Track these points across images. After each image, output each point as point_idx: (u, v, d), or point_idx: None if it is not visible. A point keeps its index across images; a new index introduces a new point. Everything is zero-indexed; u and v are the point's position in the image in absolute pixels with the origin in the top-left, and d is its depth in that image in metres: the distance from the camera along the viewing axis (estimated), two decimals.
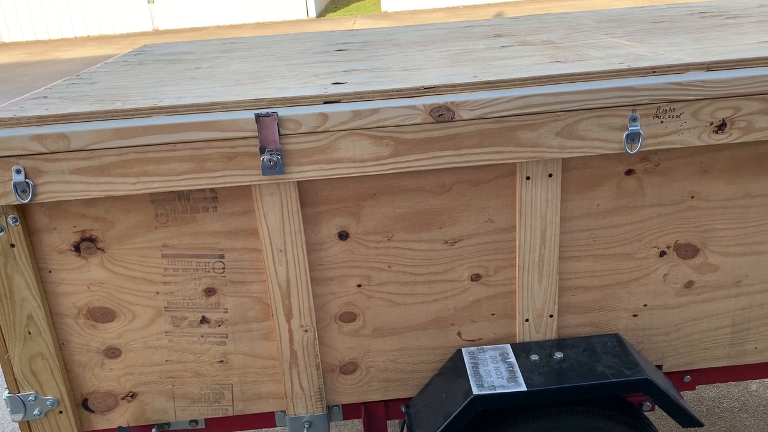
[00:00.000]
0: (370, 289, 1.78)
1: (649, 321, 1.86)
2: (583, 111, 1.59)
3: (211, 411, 1.85)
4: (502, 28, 2.58)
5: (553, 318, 1.81)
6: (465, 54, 2.04)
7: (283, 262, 1.70)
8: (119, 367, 1.79)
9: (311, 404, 1.84)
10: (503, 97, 1.57)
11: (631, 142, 1.62)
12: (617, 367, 1.71)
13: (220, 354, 1.79)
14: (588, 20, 2.61)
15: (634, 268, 1.81)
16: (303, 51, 2.35)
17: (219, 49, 2.53)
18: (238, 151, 1.57)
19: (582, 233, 1.76)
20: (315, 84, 1.74)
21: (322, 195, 1.69)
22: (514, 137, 1.60)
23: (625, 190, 1.73)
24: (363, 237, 1.73)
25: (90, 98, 1.75)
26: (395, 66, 1.92)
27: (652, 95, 1.60)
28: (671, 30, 2.20)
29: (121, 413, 1.83)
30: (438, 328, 1.83)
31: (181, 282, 1.72)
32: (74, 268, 1.69)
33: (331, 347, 1.82)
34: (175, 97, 1.69)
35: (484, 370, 1.73)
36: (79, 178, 1.56)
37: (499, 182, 1.70)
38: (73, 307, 1.73)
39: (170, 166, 1.56)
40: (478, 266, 1.77)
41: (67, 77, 2.14)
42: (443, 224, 1.73)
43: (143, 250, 1.69)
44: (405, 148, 1.60)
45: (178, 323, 1.76)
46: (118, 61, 2.44)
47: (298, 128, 1.57)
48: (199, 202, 1.66)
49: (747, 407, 2.85)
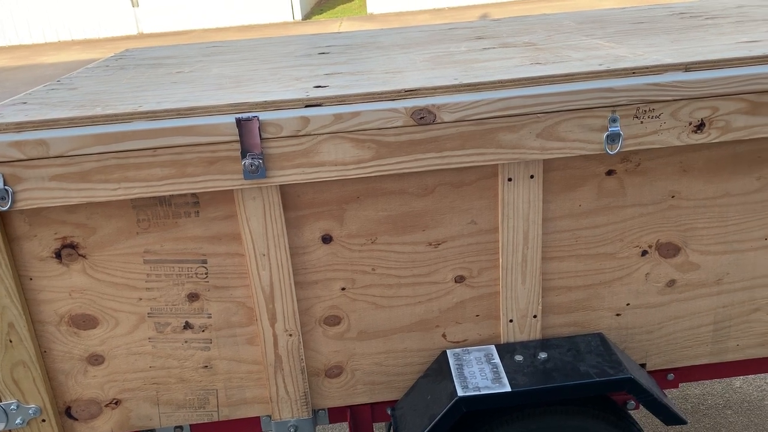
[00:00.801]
0: (355, 292, 1.78)
1: (632, 320, 1.88)
2: (564, 112, 1.60)
3: (196, 417, 1.84)
4: (485, 30, 2.59)
5: (536, 318, 1.82)
6: (447, 56, 2.04)
7: (267, 266, 1.70)
8: (102, 374, 1.78)
9: (297, 408, 1.83)
10: (484, 99, 1.57)
11: (611, 142, 1.64)
12: (601, 366, 1.72)
13: (205, 359, 1.79)
14: (569, 22, 2.63)
15: (616, 267, 1.82)
16: (285, 54, 2.35)
17: (201, 53, 2.52)
18: (220, 155, 1.56)
19: (564, 233, 1.77)
20: (297, 87, 1.74)
21: (305, 198, 1.69)
22: (495, 139, 1.61)
23: (607, 191, 1.75)
24: (346, 240, 1.73)
25: (70, 104, 1.74)
26: (377, 69, 1.93)
27: (631, 96, 1.61)
28: (651, 31, 2.22)
29: (104, 421, 1.82)
30: (423, 330, 1.83)
31: (163, 288, 1.71)
32: (55, 275, 1.68)
33: (316, 351, 1.82)
34: (155, 101, 1.68)
35: (468, 372, 1.73)
36: (59, 184, 1.55)
37: (482, 184, 1.70)
38: (54, 314, 1.71)
39: (151, 171, 1.55)
40: (462, 268, 1.78)
41: (47, 83, 2.13)
42: (426, 226, 1.73)
43: (125, 256, 1.68)
44: (387, 151, 1.60)
45: (161, 329, 1.75)
46: (99, 66, 2.42)
47: (280, 132, 1.57)
48: (180, 207, 1.65)
49: (731, 404, 2.88)
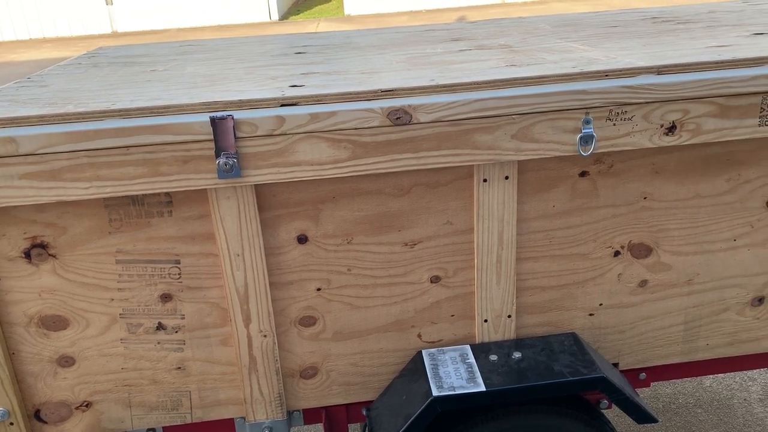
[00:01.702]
0: (330, 293, 1.77)
1: (604, 320, 1.90)
2: (538, 114, 1.62)
3: (169, 419, 1.82)
4: (461, 32, 2.60)
5: (511, 318, 1.83)
6: (423, 57, 2.05)
7: (241, 266, 1.69)
8: (73, 376, 1.75)
9: (271, 410, 1.82)
10: (460, 100, 1.58)
11: (584, 144, 1.65)
12: (574, 365, 1.73)
13: (178, 361, 1.77)
14: (544, 25, 2.66)
15: (589, 267, 1.84)
16: (262, 54, 2.33)
17: (175, 52, 2.50)
18: (193, 154, 1.55)
19: (538, 234, 1.78)
20: (272, 87, 1.73)
21: (280, 198, 1.68)
22: (470, 140, 1.61)
23: (580, 192, 1.76)
24: (322, 240, 1.72)
25: (40, 101, 1.71)
26: (353, 69, 1.92)
27: (604, 98, 1.63)
28: (624, 35, 2.25)
29: (75, 423, 1.79)
30: (398, 331, 1.83)
31: (136, 288, 1.69)
32: (25, 276, 1.65)
33: (291, 352, 1.81)
34: (128, 100, 1.66)
35: (443, 371, 1.74)
36: (29, 183, 1.52)
37: (457, 184, 1.71)
38: (23, 315, 1.68)
39: (124, 170, 1.53)
40: (438, 268, 1.78)
41: (17, 80, 2.09)
42: (402, 227, 1.74)
43: (97, 256, 1.65)
44: (363, 151, 1.60)
45: (133, 330, 1.72)
46: (71, 64, 2.38)
47: (255, 131, 1.56)
48: (153, 206, 1.63)
49: (701, 402, 2.93)
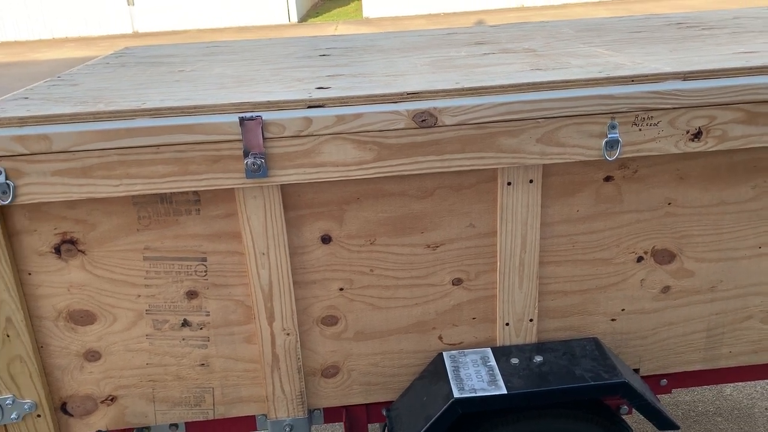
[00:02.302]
0: (352, 293, 1.79)
1: (626, 325, 1.90)
2: (563, 118, 1.62)
3: (191, 415, 1.84)
4: (484, 35, 2.61)
5: (532, 322, 1.84)
6: (447, 61, 2.06)
7: (266, 265, 1.70)
8: (99, 371, 1.77)
9: (292, 408, 1.84)
10: (485, 103, 1.59)
11: (609, 149, 1.66)
12: (595, 370, 1.73)
13: (202, 357, 1.79)
14: (568, 29, 2.65)
15: (612, 273, 1.84)
16: (286, 55, 2.36)
17: (202, 53, 2.53)
18: (222, 154, 1.57)
19: (562, 238, 1.78)
20: (299, 88, 1.75)
21: (305, 198, 1.70)
22: (495, 143, 1.62)
23: (604, 197, 1.76)
24: (345, 241, 1.74)
25: (72, 100, 1.74)
26: (378, 72, 1.94)
27: (630, 103, 1.63)
28: (649, 40, 2.24)
29: (100, 417, 1.82)
30: (419, 332, 1.84)
31: (162, 285, 1.71)
32: (54, 271, 1.68)
33: (313, 351, 1.83)
34: (158, 99, 1.68)
35: (464, 374, 1.75)
36: (61, 179, 1.55)
37: (481, 187, 1.72)
38: (52, 309, 1.71)
39: (153, 168, 1.56)
40: (460, 270, 1.79)
41: (48, 78, 2.13)
42: (425, 228, 1.75)
43: (125, 252, 1.68)
44: (388, 153, 1.61)
45: (159, 326, 1.75)
46: (99, 63, 2.42)
47: (282, 132, 1.57)
48: (181, 204, 1.66)
49: (721, 411, 2.90)
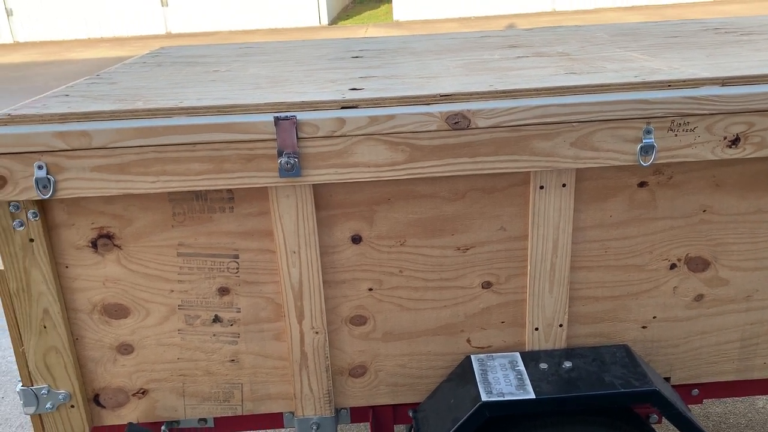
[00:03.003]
0: (381, 294, 1.79)
1: (658, 333, 1.87)
2: (598, 122, 1.61)
3: (220, 410, 1.86)
4: (517, 39, 2.60)
5: (562, 327, 1.82)
6: (480, 63, 2.06)
7: (297, 263, 1.72)
8: (131, 364, 1.81)
9: (320, 406, 1.85)
10: (519, 106, 1.58)
11: (644, 154, 1.64)
12: (626, 377, 1.71)
13: (232, 353, 1.81)
14: (602, 33, 2.63)
15: (644, 279, 1.82)
16: (319, 57, 2.38)
17: (236, 53, 2.56)
18: (257, 153, 1.59)
19: (594, 244, 1.77)
20: (332, 89, 1.76)
21: (337, 198, 1.71)
22: (529, 146, 1.62)
23: (638, 202, 1.75)
24: (376, 241, 1.75)
25: (111, 97, 1.78)
26: (411, 73, 1.94)
27: (666, 109, 1.61)
28: (685, 45, 2.22)
29: (131, 409, 1.85)
30: (447, 335, 1.84)
31: (195, 281, 1.74)
32: (90, 264, 1.71)
33: (341, 350, 1.84)
34: (195, 98, 1.71)
35: (492, 377, 1.74)
36: (99, 175, 1.58)
37: (513, 191, 1.71)
38: (88, 302, 1.75)
39: (189, 166, 1.58)
40: (490, 274, 1.78)
41: (87, 77, 2.17)
42: (456, 231, 1.74)
43: (159, 248, 1.71)
44: (420, 155, 1.62)
45: (191, 321, 1.78)
46: (136, 63, 2.47)
47: (316, 132, 1.59)
48: (216, 202, 1.68)
49: (753, 424, 2.84)
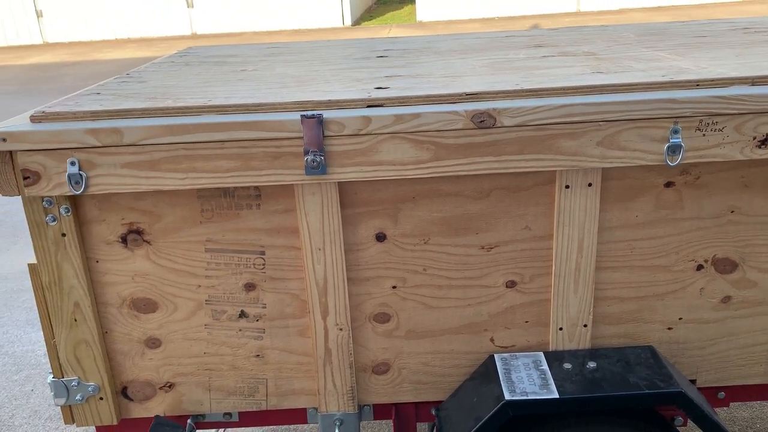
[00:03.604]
0: (405, 291, 1.80)
1: (684, 334, 1.85)
2: (625, 122, 1.60)
3: (245, 404, 1.88)
4: (543, 38, 2.59)
5: (587, 327, 1.81)
6: (506, 63, 2.06)
7: (322, 260, 1.74)
8: (159, 358, 1.84)
9: (343, 402, 1.86)
10: (545, 105, 1.58)
11: (671, 154, 1.63)
12: (651, 378, 1.70)
13: (257, 348, 1.83)
14: (629, 33, 2.61)
15: (670, 280, 1.80)
16: (344, 57, 2.39)
17: (263, 53, 2.59)
18: (283, 150, 1.61)
19: (619, 244, 1.76)
20: (358, 88, 1.78)
21: (362, 196, 1.72)
22: (554, 145, 1.61)
23: (664, 202, 1.73)
24: (400, 239, 1.76)
25: (141, 96, 1.81)
26: (436, 73, 1.95)
27: (694, 108, 1.60)
28: (714, 45, 2.19)
29: (158, 403, 1.88)
30: (471, 333, 1.84)
31: (222, 276, 1.76)
32: (120, 259, 1.75)
33: (365, 347, 1.85)
34: (223, 97, 1.74)
35: (516, 377, 1.74)
36: (130, 171, 1.62)
37: (538, 190, 1.71)
38: (117, 296, 1.78)
39: (218, 163, 1.61)
40: (514, 273, 1.78)
41: (117, 75, 2.22)
42: (480, 230, 1.75)
43: (188, 243, 1.74)
44: (445, 153, 1.62)
45: (217, 316, 1.80)
46: (165, 62, 2.51)
47: (342, 130, 1.60)
48: (243, 199, 1.71)
49: None
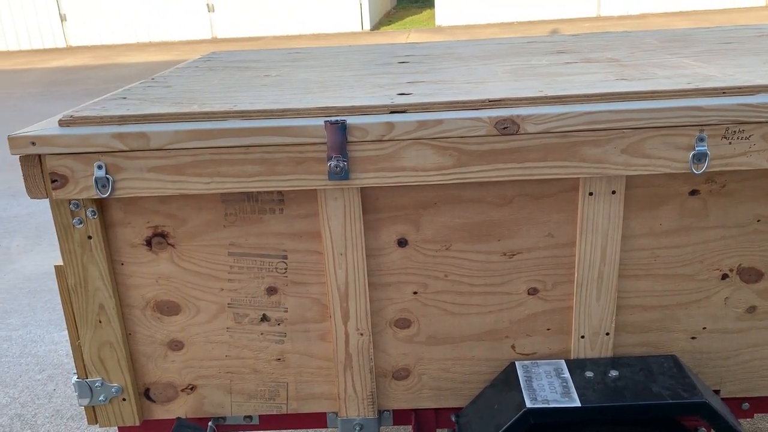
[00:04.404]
0: (426, 297, 1.80)
1: (707, 344, 1.83)
2: (650, 129, 1.59)
3: (266, 408, 1.90)
4: (565, 44, 2.59)
5: (609, 336, 1.80)
6: (528, 69, 2.05)
7: (343, 265, 1.74)
8: (181, 360, 1.86)
9: (363, 407, 1.87)
10: (570, 112, 1.58)
11: (697, 162, 1.61)
12: (674, 388, 1.69)
13: (278, 352, 1.84)
14: (652, 39, 2.60)
15: (694, 289, 1.79)
16: (366, 62, 2.41)
17: (286, 59, 2.61)
18: (307, 156, 1.62)
19: (643, 252, 1.75)
20: (380, 94, 1.78)
21: (384, 202, 1.73)
22: (579, 152, 1.61)
23: (689, 211, 1.72)
24: (421, 245, 1.76)
25: (167, 100, 1.83)
26: (458, 79, 1.95)
27: (720, 116, 1.58)
28: (740, 51, 2.17)
29: (179, 405, 1.90)
30: (492, 340, 1.84)
31: (245, 280, 1.78)
32: (145, 262, 1.77)
33: (385, 352, 1.85)
34: (248, 102, 1.75)
35: (537, 384, 1.73)
36: (156, 175, 1.64)
37: (562, 197, 1.71)
38: (141, 299, 1.80)
39: (242, 168, 1.62)
40: (536, 280, 1.78)
41: (143, 80, 2.25)
42: (502, 236, 1.74)
43: (211, 247, 1.75)
44: (468, 159, 1.63)
45: (239, 320, 1.82)
46: (189, 67, 2.54)
47: (365, 136, 1.61)
48: (266, 203, 1.72)
49: None
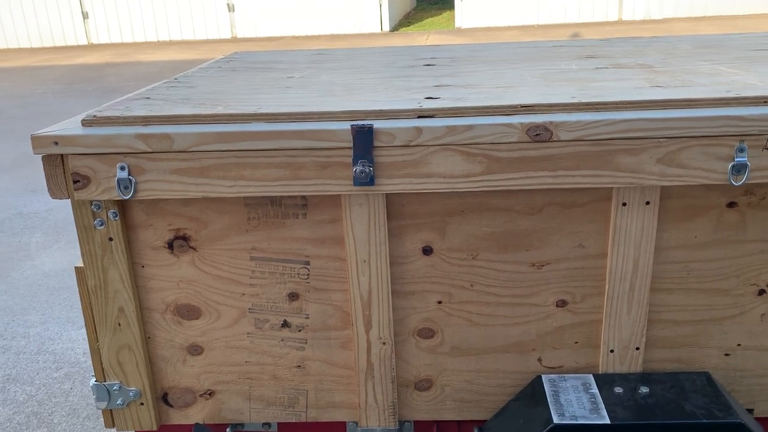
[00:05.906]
0: (451, 307, 1.76)
1: (742, 362, 1.77)
2: (687, 138, 1.54)
3: (285, 415, 1.86)
4: (593, 49, 2.53)
5: (639, 350, 1.75)
6: (559, 74, 2.00)
7: (366, 273, 1.70)
8: (200, 365, 1.83)
9: (384, 418, 1.83)
10: (604, 119, 1.53)
11: (736, 173, 1.56)
12: (708, 407, 1.63)
13: (299, 359, 1.81)
14: (684, 45, 2.53)
15: (729, 305, 1.72)
16: (389, 65, 2.37)
17: (308, 60, 2.58)
18: (332, 160, 1.58)
19: (676, 265, 1.69)
20: (407, 98, 1.74)
21: (409, 209, 1.69)
22: (612, 161, 1.56)
23: (726, 223, 1.66)
24: (447, 253, 1.71)
25: (191, 101, 1.81)
26: (487, 83, 1.91)
27: (762, 126, 1.52)
28: None
29: (198, 410, 1.87)
30: (518, 353, 1.79)
31: (266, 285, 1.75)
32: (166, 265, 1.74)
33: (407, 362, 1.81)
34: (272, 104, 1.72)
35: (564, 399, 1.68)
36: (179, 178, 1.61)
37: (594, 207, 1.66)
38: (161, 302, 1.78)
39: (266, 171, 1.59)
40: (565, 292, 1.73)
41: (166, 80, 2.22)
42: (531, 246, 1.70)
43: (233, 251, 1.72)
44: (498, 166, 1.58)
45: (260, 325, 1.78)
46: (212, 67, 2.51)
47: (392, 141, 1.57)
48: (289, 208, 1.69)
49: None
